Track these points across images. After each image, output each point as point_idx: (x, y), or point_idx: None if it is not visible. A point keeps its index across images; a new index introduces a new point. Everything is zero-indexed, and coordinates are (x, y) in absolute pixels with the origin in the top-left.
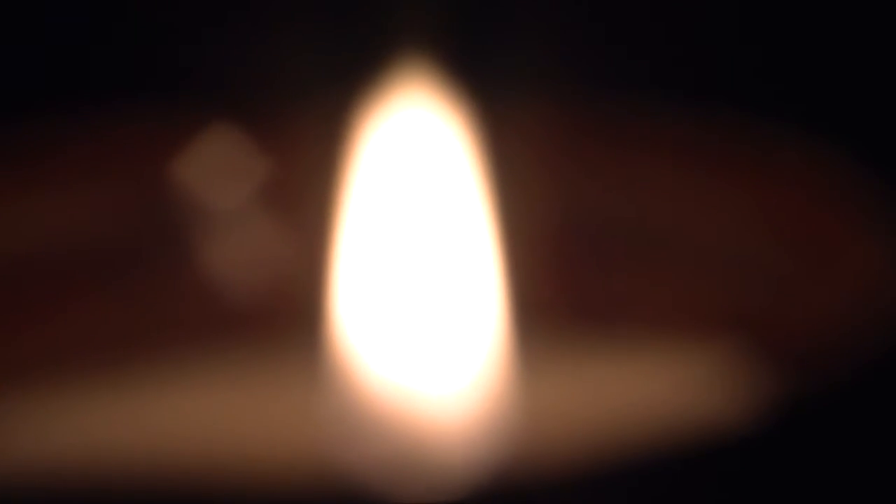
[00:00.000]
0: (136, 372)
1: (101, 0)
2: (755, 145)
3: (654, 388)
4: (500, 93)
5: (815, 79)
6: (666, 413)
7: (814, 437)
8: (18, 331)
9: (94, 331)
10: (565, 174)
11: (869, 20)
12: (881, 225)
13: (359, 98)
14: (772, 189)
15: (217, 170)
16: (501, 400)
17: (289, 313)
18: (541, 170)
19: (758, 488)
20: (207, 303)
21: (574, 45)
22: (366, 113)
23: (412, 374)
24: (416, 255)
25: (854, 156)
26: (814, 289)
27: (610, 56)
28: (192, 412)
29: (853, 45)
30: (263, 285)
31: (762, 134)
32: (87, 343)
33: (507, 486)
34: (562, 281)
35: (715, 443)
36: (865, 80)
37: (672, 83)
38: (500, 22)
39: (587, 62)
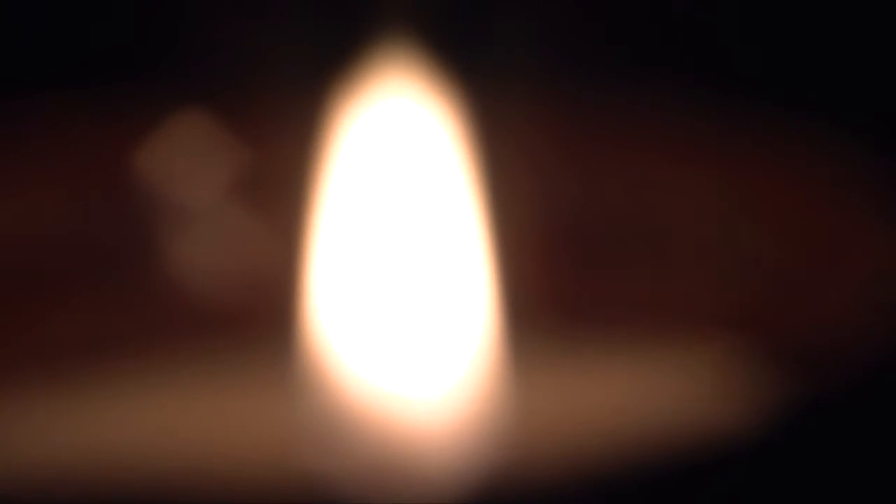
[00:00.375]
0: (106, 375)
1: None
2: (756, 139)
3: (653, 392)
4: (489, 83)
5: (821, 68)
6: (665, 417)
7: (820, 442)
8: None
9: (61, 333)
10: (559, 170)
11: (877, 9)
12: (889, 221)
13: (339, 87)
14: (776, 184)
15: (190, 162)
16: (491, 404)
17: (265, 313)
18: (533, 165)
19: (760, 496)
20: (179, 302)
21: (566, 35)
22: (346, 102)
23: (395, 377)
24: (399, 252)
25: (860, 149)
26: (819, 287)
27: (604, 47)
28: (165, 415)
29: (857, 34)
30: (238, 284)
31: (764, 127)
32: (54, 345)
33: (497, 494)
34: (556, 280)
35: (716, 448)
36: (873, 71)
37: (670, 74)
38: (488, 7)
39: (579, 53)
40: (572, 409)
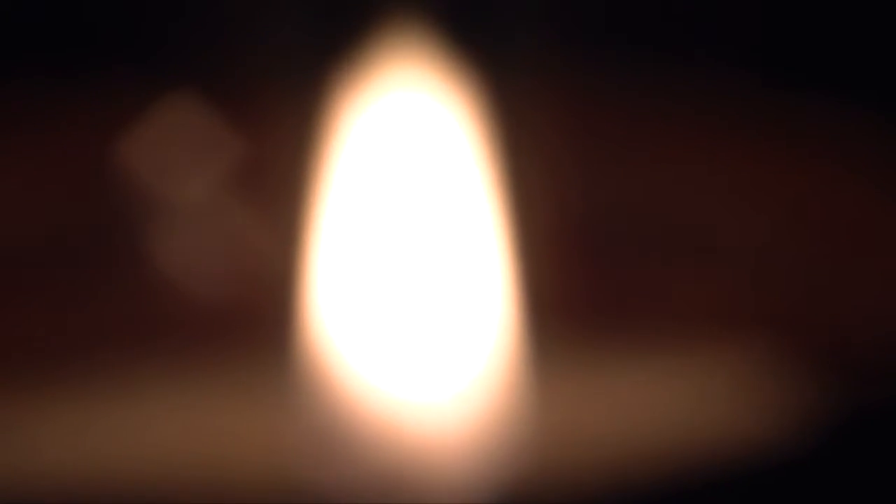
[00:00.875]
0: (101, 378)
1: None
2: (786, 126)
3: (681, 398)
4: (504, 71)
5: (852, 48)
6: (693, 425)
7: (861, 453)
8: None
9: (44, 334)
10: (581, 162)
11: None
12: None
13: (343, 72)
14: (809, 176)
15: (188, 155)
16: (509, 409)
17: (263, 314)
18: (552, 160)
19: None
20: (169, 303)
21: (586, 23)
22: (351, 89)
23: (404, 383)
24: (408, 250)
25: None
26: (857, 285)
27: (626, 36)
28: (162, 419)
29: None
30: (233, 283)
31: (792, 120)
32: (47, 346)
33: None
34: (577, 281)
35: (748, 459)
36: None
37: (697, 65)
38: None
39: (601, 42)
40: (594, 416)
